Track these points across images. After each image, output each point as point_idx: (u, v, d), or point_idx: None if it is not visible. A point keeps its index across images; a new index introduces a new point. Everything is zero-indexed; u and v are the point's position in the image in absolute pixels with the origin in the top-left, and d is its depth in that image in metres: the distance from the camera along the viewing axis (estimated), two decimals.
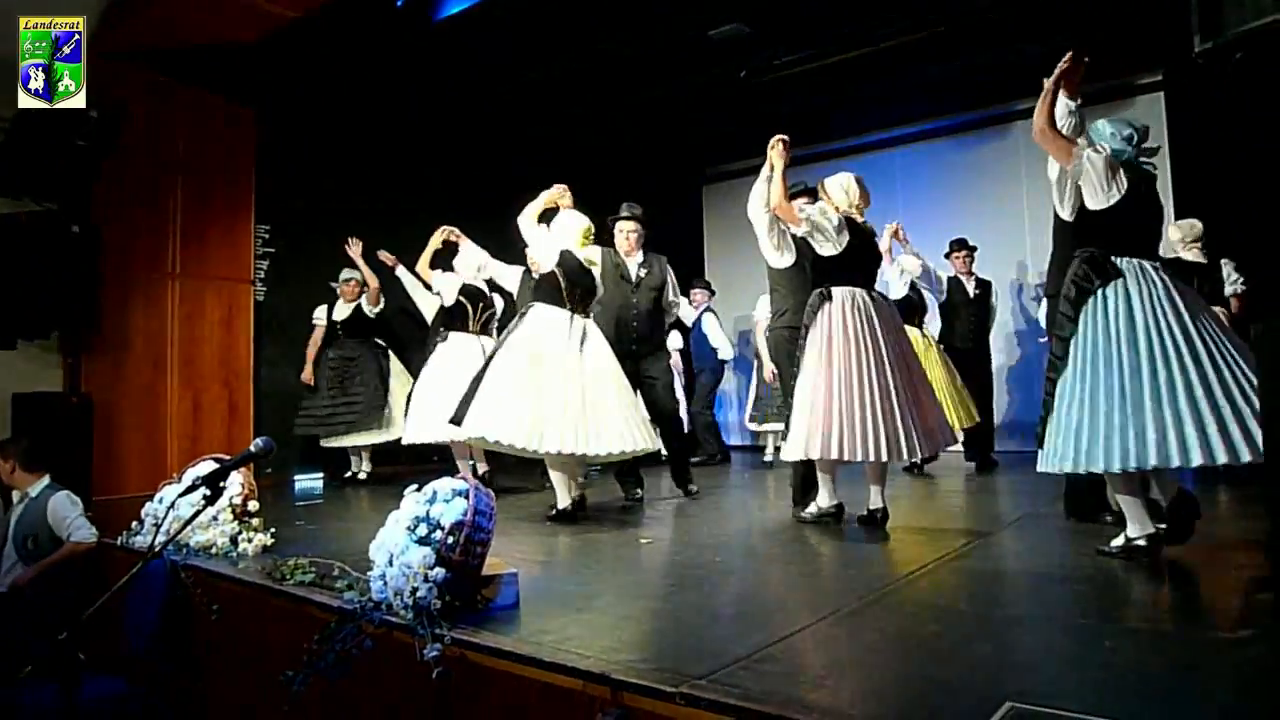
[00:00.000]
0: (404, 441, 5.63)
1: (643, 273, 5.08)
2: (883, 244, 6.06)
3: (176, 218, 6.20)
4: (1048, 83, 3.18)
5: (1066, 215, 3.18)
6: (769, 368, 5.05)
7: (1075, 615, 2.50)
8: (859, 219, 4.04)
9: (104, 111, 5.18)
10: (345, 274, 6.59)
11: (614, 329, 4.94)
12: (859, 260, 3.98)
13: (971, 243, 6.40)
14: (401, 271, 6.29)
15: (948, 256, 6.42)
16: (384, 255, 6.32)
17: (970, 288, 6.33)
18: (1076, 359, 2.92)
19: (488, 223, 5.72)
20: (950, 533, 3.76)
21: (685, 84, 7.32)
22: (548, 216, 4.62)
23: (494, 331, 5.75)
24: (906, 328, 6.19)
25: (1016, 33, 6.39)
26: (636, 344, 4.96)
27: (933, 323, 6.49)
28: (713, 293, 7.94)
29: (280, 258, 6.91)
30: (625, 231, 5.07)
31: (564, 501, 4.28)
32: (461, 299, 5.58)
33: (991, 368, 6.44)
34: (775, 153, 3.95)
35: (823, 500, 3.96)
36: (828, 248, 3.91)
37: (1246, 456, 2.60)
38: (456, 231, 5.47)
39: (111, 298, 5.66)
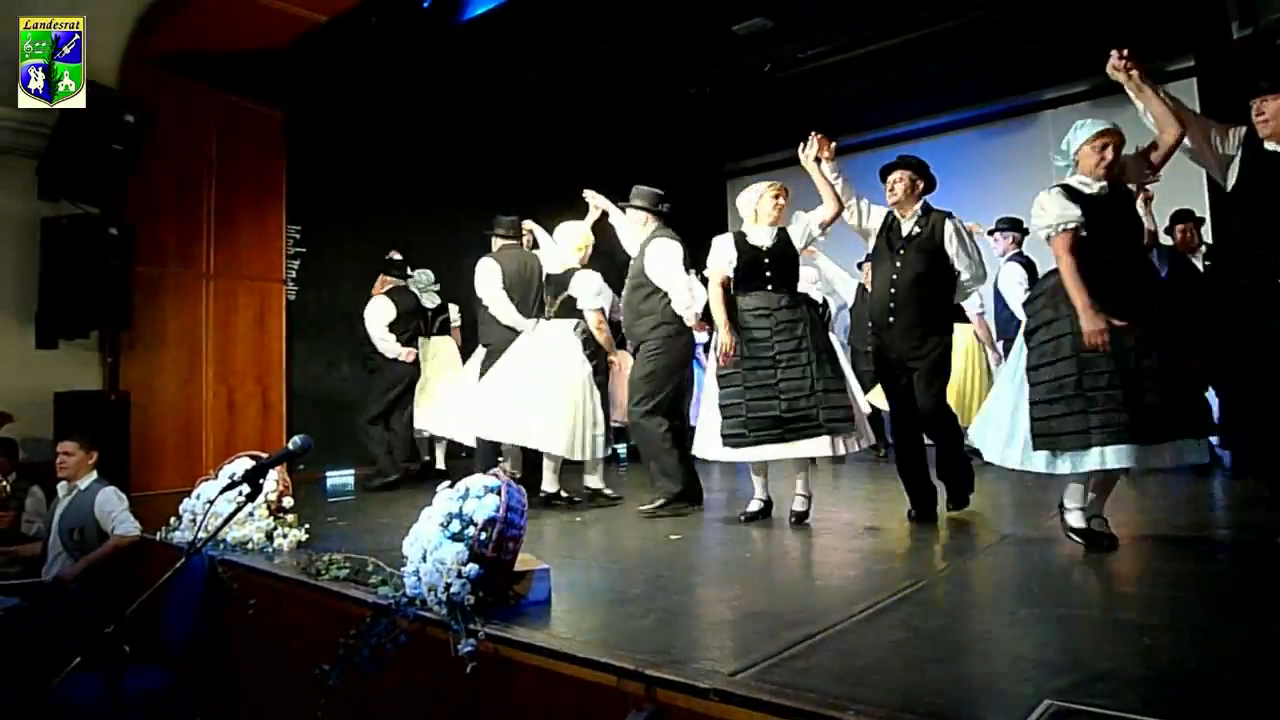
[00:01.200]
0: None
1: (633, 261, 4.73)
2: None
3: (210, 219, 6.30)
4: (1133, 90, 3.11)
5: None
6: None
7: (1114, 611, 2.47)
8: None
9: (138, 116, 5.28)
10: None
11: None
12: None
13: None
14: None
15: (991, 234, 6.28)
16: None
17: None
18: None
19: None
20: (987, 526, 3.72)
21: (710, 78, 7.31)
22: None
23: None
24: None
25: (1045, 22, 6.30)
26: (628, 339, 4.77)
27: None
28: None
29: (311, 257, 7.00)
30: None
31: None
32: None
33: None
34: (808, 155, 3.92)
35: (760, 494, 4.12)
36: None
37: None
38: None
39: (147, 297, 5.77)
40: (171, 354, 6.05)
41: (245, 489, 2.23)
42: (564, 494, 4.80)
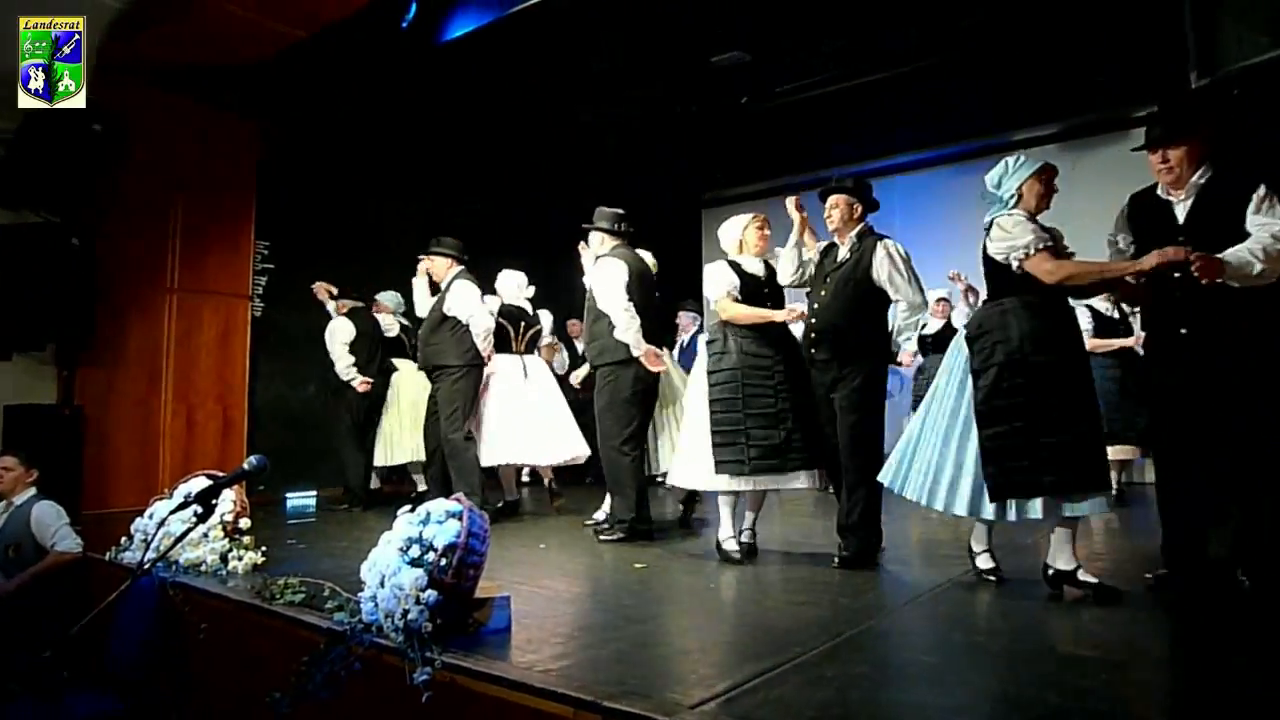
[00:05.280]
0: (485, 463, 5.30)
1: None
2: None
3: (176, 232, 6.20)
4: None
5: None
6: None
7: (1072, 646, 2.48)
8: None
9: (107, 125, 5.20)
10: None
11: None
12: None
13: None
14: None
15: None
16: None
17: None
18: None
19: (488, 243, 5.75)
20: (946, 559, 3.73)
21: (687, 109, 7.39)
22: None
23: (538, 351, 5.77)
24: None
25: (1015, 63, 6.46)
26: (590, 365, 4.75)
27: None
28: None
29: (279, 274, 6.92)
30: None
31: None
32: (501, 319, 5.38)
33: None
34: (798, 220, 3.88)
35: None
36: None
37: None
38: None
39: (108, 311, 5.65)
40: (130, 369, 5.92)
41: (197, 509, 2.17)
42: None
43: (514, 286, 5.56)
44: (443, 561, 2.38)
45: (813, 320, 3.78)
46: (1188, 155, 3.01)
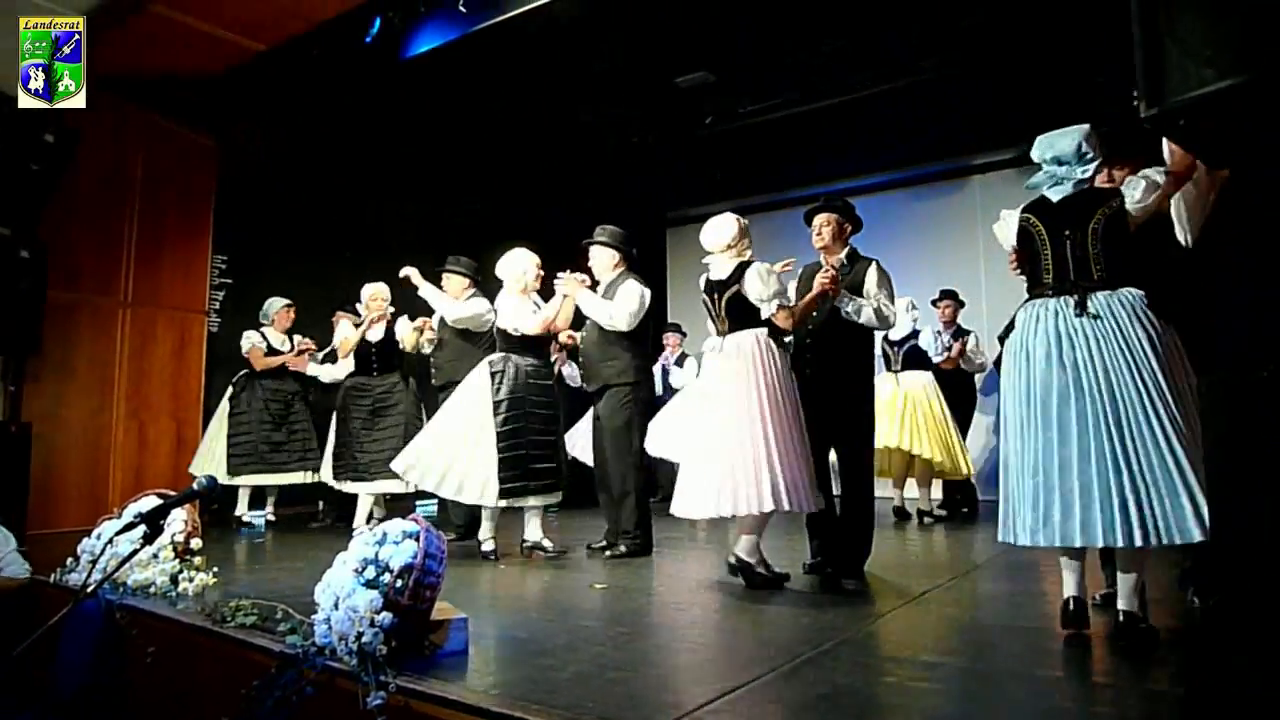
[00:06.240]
0: None
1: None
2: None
3: (131, 245, 6.08)
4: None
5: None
6: None
7: (1031, 667, 2.50)
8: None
9: (59, 135, 5.09)
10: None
11: None
12: None
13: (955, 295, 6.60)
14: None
15: (934, 304, 6.53)
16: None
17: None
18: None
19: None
20: (907, 581, 3.76)
21: (652, 128, 7.45)
22: None
23: None
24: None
25: (975, 89, 6.61)
26: (588, 379, 4.74)
27: None
28: (684, 335, 7.96)
29: (236, 289, 6.81)
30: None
31: None
32: None
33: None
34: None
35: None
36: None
37: None
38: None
39: (59, 324, 5.50)
40: (80, 384, 5.77)
41: (145, 529, 2.11)
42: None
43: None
44: (398, 583, 2.34)
45: (806, 340, 3.86)
46: (1130, 176, 3.08)
